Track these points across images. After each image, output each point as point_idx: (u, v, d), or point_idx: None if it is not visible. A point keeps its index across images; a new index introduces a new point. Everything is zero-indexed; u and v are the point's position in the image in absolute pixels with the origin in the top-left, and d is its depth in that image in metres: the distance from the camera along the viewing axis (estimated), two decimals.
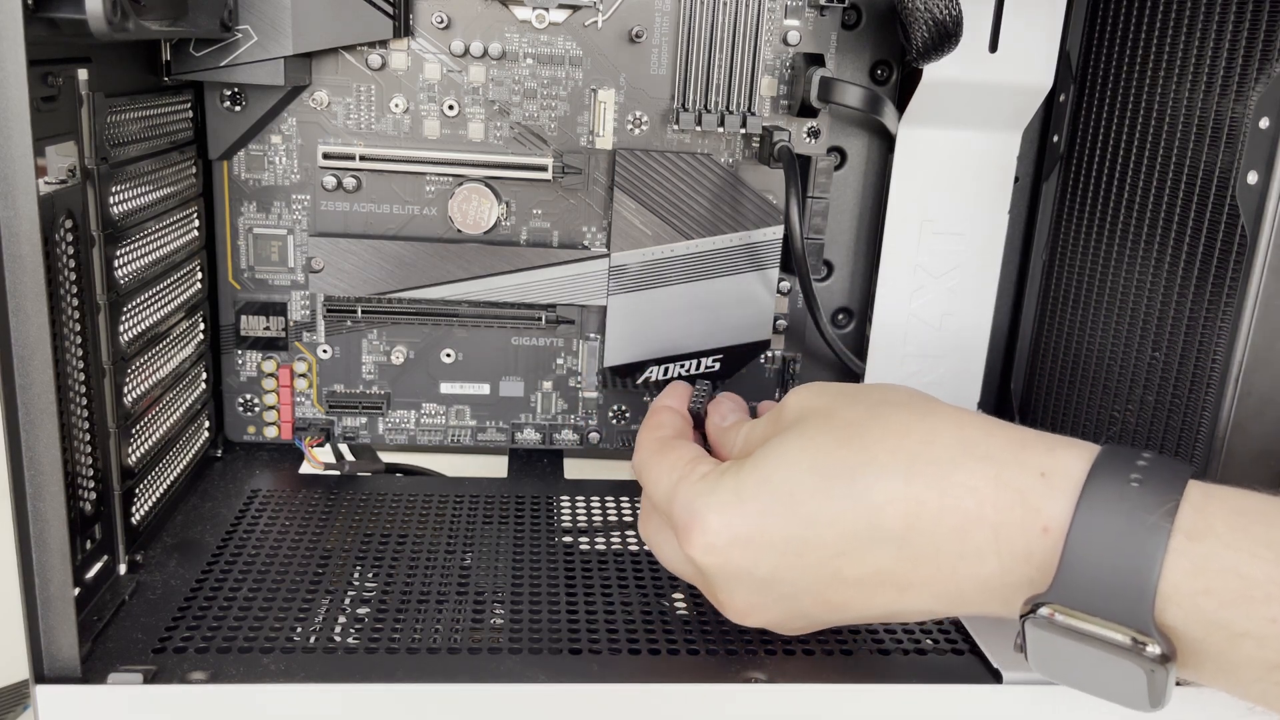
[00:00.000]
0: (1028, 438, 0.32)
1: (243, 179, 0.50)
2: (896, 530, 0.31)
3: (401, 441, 0.55)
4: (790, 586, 0.33)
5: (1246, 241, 0.38)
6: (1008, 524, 0.30)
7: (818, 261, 0.53)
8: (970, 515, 0.30)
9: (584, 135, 0.51)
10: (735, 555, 0.33)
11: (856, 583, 0.33)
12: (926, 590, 0.32)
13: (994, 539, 0.30)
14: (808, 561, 0.32)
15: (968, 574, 0.31)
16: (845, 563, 0.32)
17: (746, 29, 0.49)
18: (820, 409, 0.35)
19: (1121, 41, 0.48)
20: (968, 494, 0.31)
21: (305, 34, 0.45)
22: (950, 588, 0.32)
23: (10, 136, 0.30)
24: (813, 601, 0.34)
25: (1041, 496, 0.30)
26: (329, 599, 0.39)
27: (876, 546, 0.32)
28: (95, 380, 0.37)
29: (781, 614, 0.35)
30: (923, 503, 0.31)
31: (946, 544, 0.31)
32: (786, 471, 0.33)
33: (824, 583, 0.33)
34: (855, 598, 0.33)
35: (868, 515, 0.31)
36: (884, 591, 0.33)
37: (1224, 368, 0.39)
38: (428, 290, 0.51)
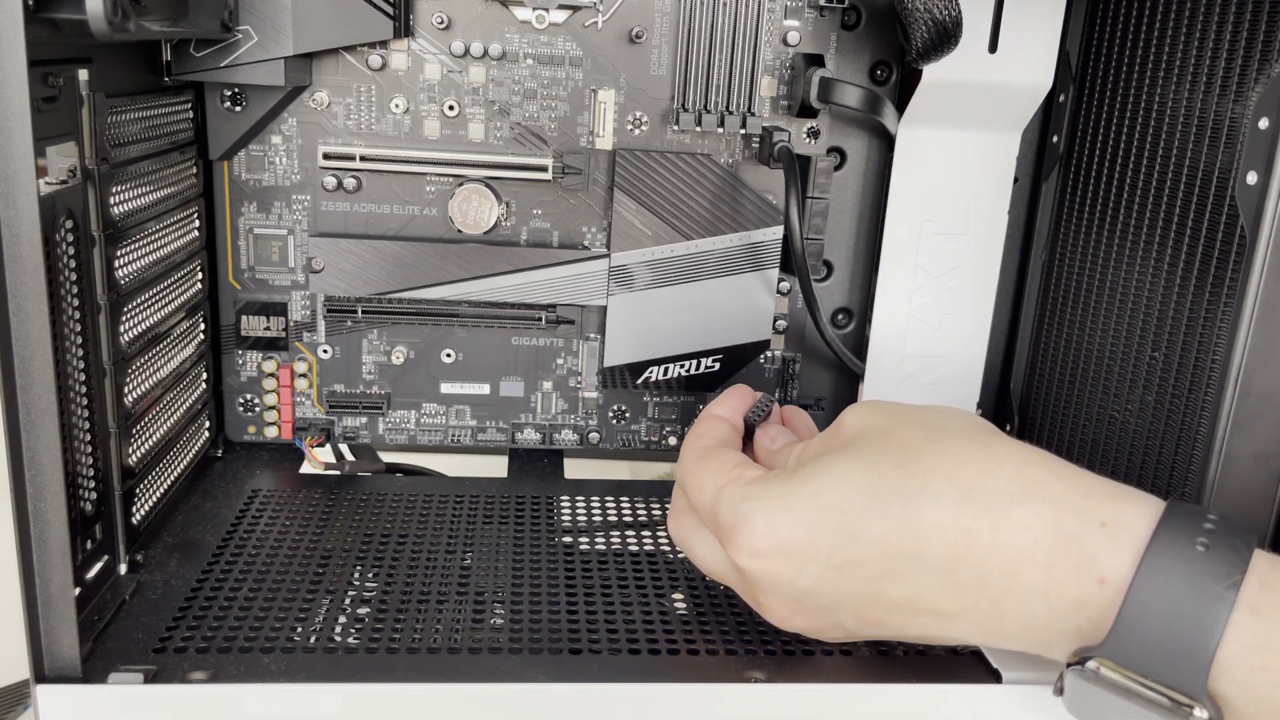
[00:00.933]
0: (1092, 484, 0.32)
1: (243, 179, 0.50)
2: (944, 558, 0.31)
3: (402, 441, 0.55)
4: (830, 599, 0.34)
5: (1246, 241, 0.38)
6: (1061, 568, 0.30)
7: (818, 261, 0.53)
8: (1022, 553, 0.30)
9: (584, 135, 0.51)
10: (779, 563, 0.33)
11: (896, 605, 0.33)
12: (966, 620, 0.32)
13: (1044, 581, 0.30)
14: (850, 578, 0.33)
15: (1013, 611, 0.31)
16: (888, 584, 0.32)
17: (746, 29, 0.49)
18: (878, 429, 0.35)
19: (1121, 41, 0.48)
20: (1023, 531, 0.30)
21: (305, 34, 0.46)
22: (992, 622, 0.31)
23: (11, 136, 0.30)
24: (851, 616, 0.34)
25: (1100, 547, 0.30)
26: (329, 599, 0.39)
27: (922, 572, 0.31)
28: (96, 380, 0.37)
29: (819, 623, 0.35)
30: (973, 534, 0.31)
31: (994, 578, 0.31)
32: (839, 488, 0.33)
33: (865, 600, 0.33)
34: (893, 619, 0.33)
35: (915, 540, 0.31)
36: (923, 617, 0.33)
37: (1224, 368, 0.39)
38: (428, 290, 0.51)
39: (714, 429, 0.41)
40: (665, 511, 0.49)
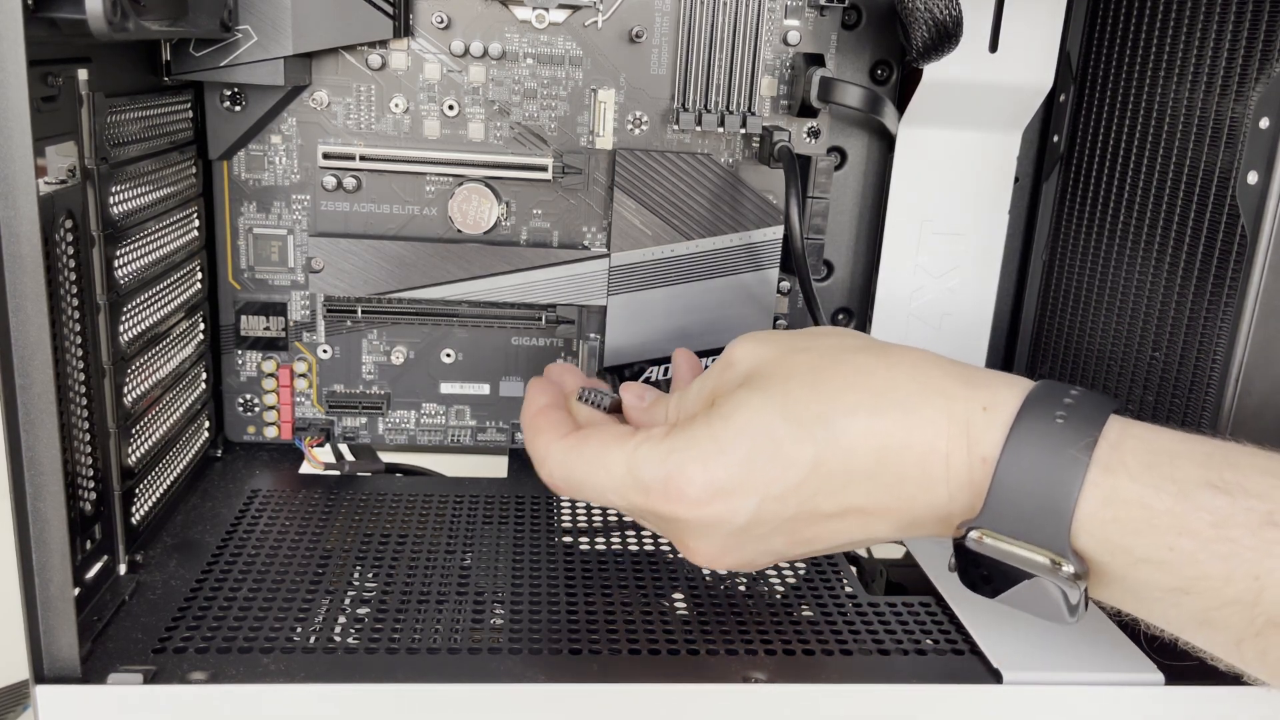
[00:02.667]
0: (977, 375, 0.34)
1: (243, 179, 0.50)
2: (868, 466, 0.33)
3: (401, 441, 0.55)
4: (766, 528, 0.34)
5: (1246, 241, 0.38)
6: (956, 453, 0.32)
7: (818, 261, 0.53)
8: (929, 447, 0.32)
9: (584, 135, 0.51)
10: (720, 506, 0.34)
11: (830, 517, 0.34)
12: (888, 518, 0.34)
13: (945, 469, 0.32)
14: (788, 504, 0.34)
15: (925, 502, 0.33)
16: (822, 500, 0.34)
17: (746, 29, 0.49)
18: (774, 358, 0.36)
19: (1121, 41, 0.48)
20: (928, 427, 0.33)
21: (305, 34, 0.45)
22: (910, 516, 0.34)
23: (10, 136, 0.30)
24: (785, 539, 0.35)
25: (983, 429, 0.32)
26: (329, 599, 0.39)
27: (850, 483, 0.33)
28: (95, 380, 0.37)
29: (752, 554, 0.36)
30: (889, 438, 0.33)
31: (910, 476, 0.33)
32: (763, 419, 0.34)
33: (800, 521, 0.34)
34: (824, 531, 0.35)
35: (843, 455, 0.33)
36: (850, 522, 0.34)
37: (1224, 368, 0.39)
38: (428, 290, 0.51)
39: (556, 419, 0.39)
40: None
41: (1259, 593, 0.28)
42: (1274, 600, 0.28)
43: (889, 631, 0.39)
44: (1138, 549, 0.30)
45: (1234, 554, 0.29)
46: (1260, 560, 0.28)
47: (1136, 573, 0.30)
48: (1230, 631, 0.29)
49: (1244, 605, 0.29)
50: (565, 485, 0.38)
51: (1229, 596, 0.29)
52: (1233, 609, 0.29)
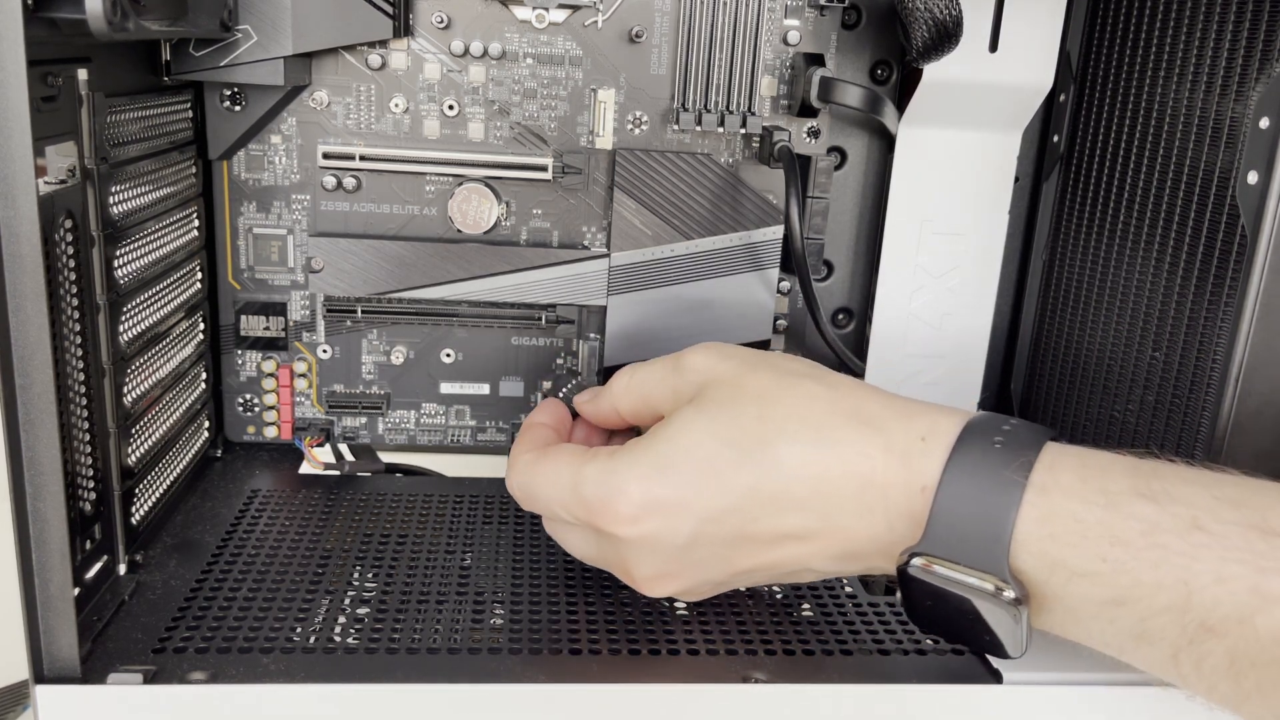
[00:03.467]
0: (914, 408, 0.35)
1: (243, 179, 0.50)
2: (805, 494, 0.34)
3: (401, 441, 0.55)
4: (704, 552, 0.35)
5: (1246, 241, 0.38)
6: (894, 485, 0.33)
7: (818, 261, 0.53)
8: (865, 479, 0.33)
9: (584, 135, 0.51)
10: (656, 524, 0.34)
11: (766, 544, 0.35)
12: (826, 547, 0.34)
13: (883, 499, 0.33)
14: (724, 527, 0.34)
15: (863, 532, 0.34)
16: (758, 529, 0.34)
17: (746, 29, 0.49)
18: (729, 377, 0.37)
19: (1121, 41, 0.48)
20: (864, 460, 0.33)
21: (305, 34, 0.45)
22: (848, 545, 0.34)
23: (10, 136, 0.30)
24: (721, 567, 0.36)
25: (921, 458, 0.33)
26: (329, 599, 0.39)
27: (787, 511, 0.34)
28: (95, 380, 0.37)
29: (690, 582, 0.36)
30: (827, 468, 0.34)
31: (847, 505, 0.33)
32: (706, 443, 0.35)
33: (736, 546, 0.35)
34: (763, 560, 0.35)
35: (782, 483, 0.34)
36: (789, 548, 0.35)
37: (1224, 368, 0.39)
38: (428, 290, 0.51)
39: (540, 434, 0.42)
40: None
41: (1188, 597, 0.29)
42: (1203, 604, 0.29)
43: (889, 631, 0.39)
44: (1073, 562, 0.30)
45: (1164, 560, 0.29)
46: (1188, 565, 0.29)
47: (1074, 589, 0.30)
48: (1166, 643, 0.30)
49: (1176, 612, 0.29)
50: (522, 495, 0.39)
51: (1161, 604, 0.29)
52: (1166, 617, 0.29)
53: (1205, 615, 0.29)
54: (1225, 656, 0.29)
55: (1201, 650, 0.29)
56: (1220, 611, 0.28)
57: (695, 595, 0.38)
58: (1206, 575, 0.29)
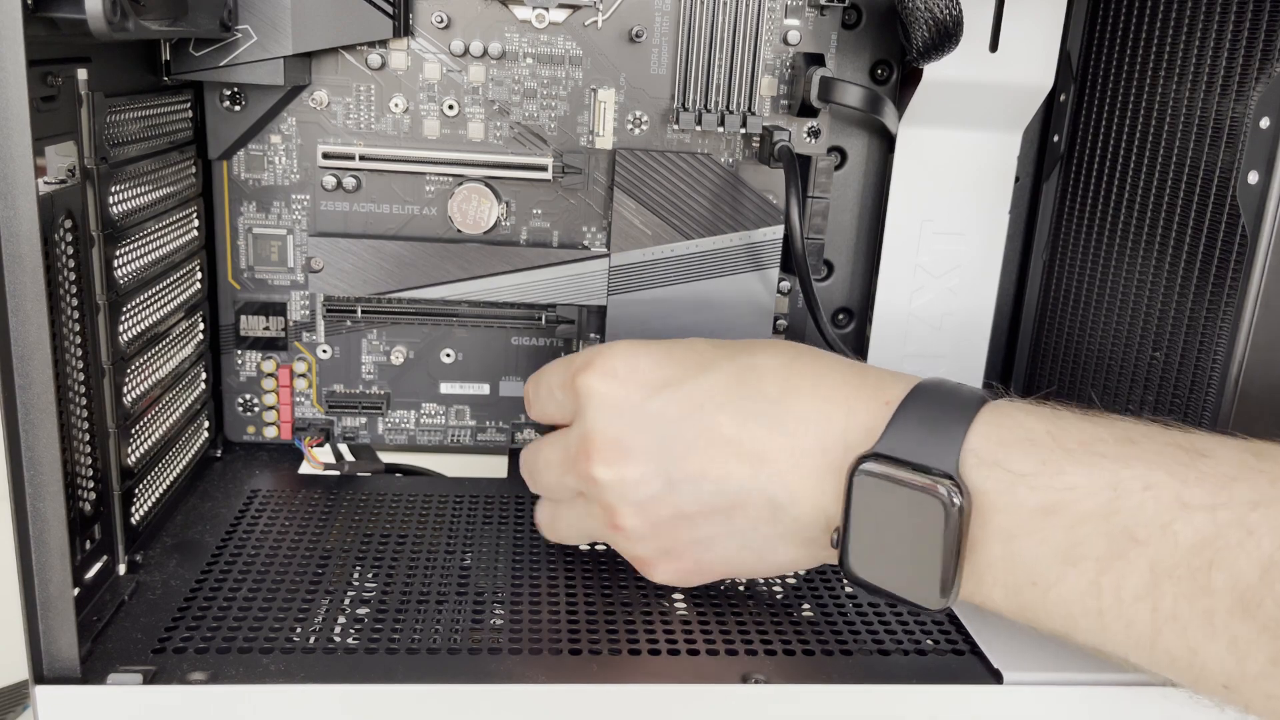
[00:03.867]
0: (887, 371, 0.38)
1: (242, 179, 0.50)
2: (775, 393, 0.36)
3: (401, 441, 0.55)
4: (669, 429, 0.37)
5: (1247, 241, 0.38)
6: (860, 400, 0.35)
7: (818, 261, 0.53)
8: (833, 398, 0.36)
9: (584, 135, 0.51)
10: (627, 386, 0.38)
11: (727, 443, 0.36)
12: (777, 467, 0.36)
13: (847, 410, 0.35)
14: (693, 405, 0.37)
15: (815, 446, 0.35)
16: (725, 418, 0.36)
17: (746, 29, 0.49)
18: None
19: (1121, 41, 0.48)
20: (839, 382, 0.36)
21: (305, 34, 0.45)
22: (801, 461, 0.35)
23: (10, 136, 0.30)
24: (677, 463, 0.37)
25: (890, 382, 0.36)
26: (329, 599, 0.39)
27: (756, 402, 0.36)
28: (95, 380, 0.37)
29: (644, 464, 0.37)
30: (800, 378, 0.37)
31: (810, 418, 0.36)
32: (692, 345, 0.39)
33: (700, 435, 0.36)
34: (713, 468, 0.36)
35: (755, 377, 0.37)
36: (742, 465, 0.36)
37: (1224, 368, 0.39)
38: (427, 290, 0.51)
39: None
40: None
41: (1115, 501, 0.30)
42: (1129, 509, 0.30)
43: (889, 632, 0.39)
44: (1014, 464, 0.32)
45: (1097, 464, 0.31)
46: (1118, 470, 0.30)
47: (1011, 496, 0.32)
48: (1090, 563, 0.30)
49: (1102, 518, 0.30)
50: (525, 471, 0.44)
51: (1090, 509, 0.30)
52: (1093, 525, 0.30)
53: (1130, 521, 0.30)
54: (1146, 572, 0.29)
55: (1124, 567, 0.30)
56: (1144, 517, 0.30)
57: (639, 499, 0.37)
58: (1135, 481, 0.30)
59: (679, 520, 0.37)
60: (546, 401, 0.42)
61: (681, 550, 0.38)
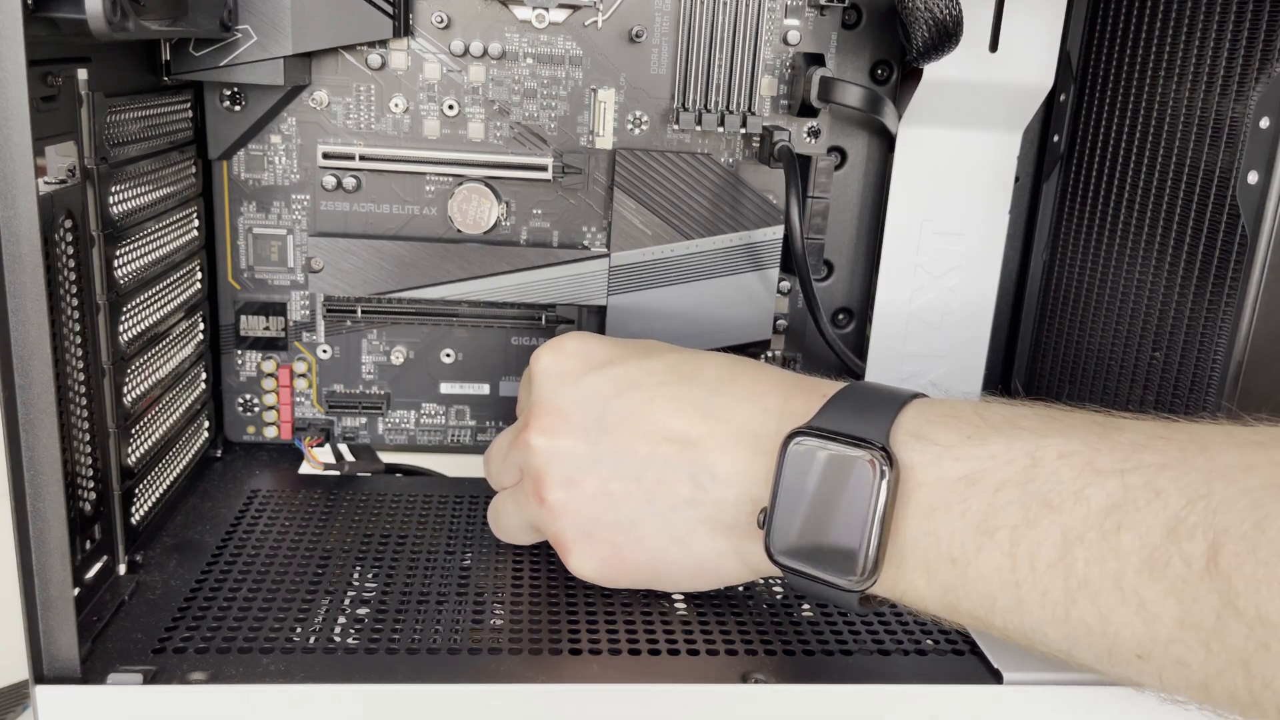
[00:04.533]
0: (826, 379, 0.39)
1: (242, 179, 0.50)
2: (712, 380, 0.38)
3: (401, 442, 0.55)
4: (604, 405, 0.38)
5: (1247, 241, 0.38)
6: (797, 393, 0.37)
7: (818, 261, 0.53)
8: (769, 391, 0.37)
9: (584, 135, 0.51)
10: (576, 358, 0.40)
11: (657, 422, 0.37)
12: (707, 446, 0.37)
13: (781, 403, 0.36)
14: (630, 384, 0.38)
15: (746, 431, 0.36)
16: (660, 400, 0.38)
17: (746, 29, 0.49)
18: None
19: (1121, 41, 0.48)
20: (775, 378, 0.38)
21: (305, 34, 0.45)
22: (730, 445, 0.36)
23: (10, 136, 0.30)
24: (608, 436, 0.38)
25: (827, 385, 0.37)
26: (329, 599, 0.39)
27: (690, 389, 0.38)
28: (95, 380, 0.37)
29: (578, 431, 0.38)
30: (739, 371, 0.38)
31: (745, 402, 0.37)
32: (644, 340, 0.42)
33: (632, 412, 0.38)
34: (645, 444, 0.37)
35: (694, 368, 0.39)
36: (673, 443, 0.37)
37: (1224, 368, 0.39)
38: (428, 290, 0.51)
39: None
40: None
41: (1033, 468, 0.31)
42: (1044, 476, 0.31)
43: (889, 632, 0.39)
44: (941, 438, 0.33)
45: (1017, 436, 0.32)
46: (1037, 441, 0.31)
47: (937, 469, 0.32)
48: (1005, 533, 0.31)
49: (1019, 485, 0.31)
50: (484, 465, 0.45)
51: (1008, 476, 0.31)
52: (1010, 493, 0.31)
53: (1044, 488, 0.30)
54: (1059, 538, 0.30)
55: (1037, 535, 0.30)
56: (1058, 483, 0.30)
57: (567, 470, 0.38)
58: (1050, 450, 0.31)
59: (601, 497, 0.38)
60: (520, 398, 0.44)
61: (601, 531, 0.38)
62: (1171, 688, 0.29)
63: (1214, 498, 0.28)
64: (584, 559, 0.39)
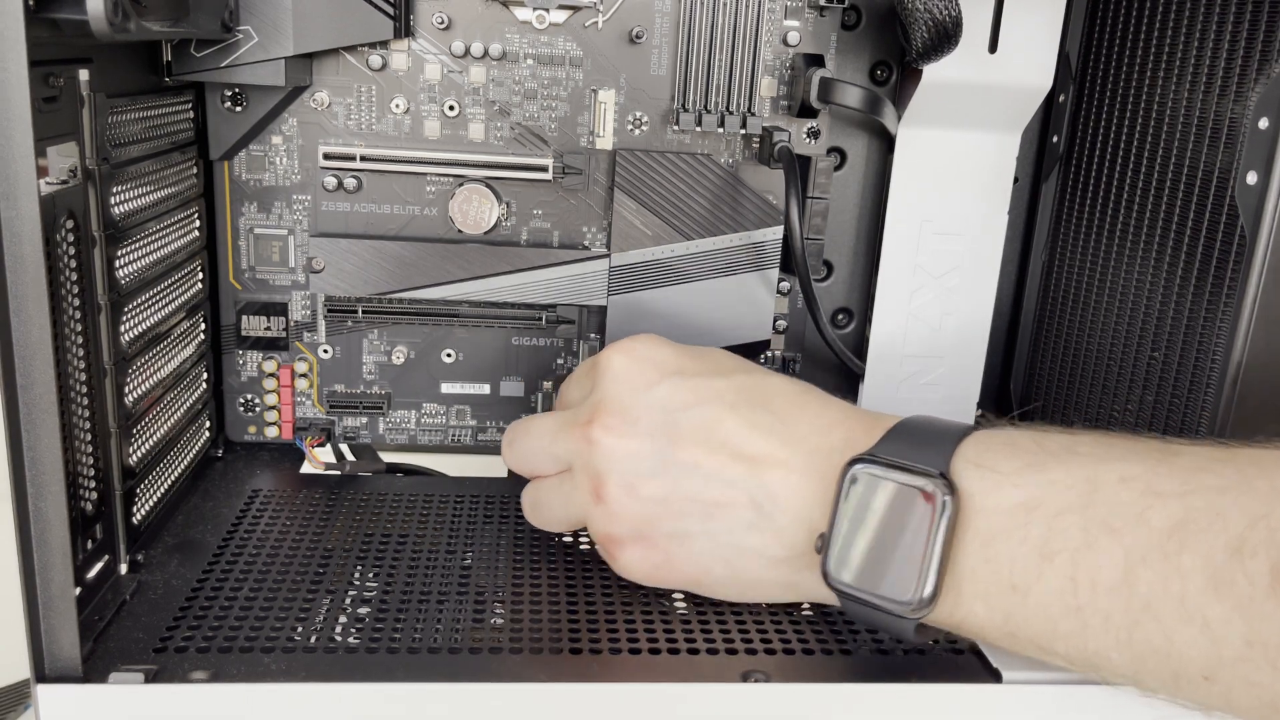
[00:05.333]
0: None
1: (243, 179, 0.51)
2: (782, 409, 0.38)
3: (402, 441, 0.55)
4: (675, 415, 0.38)
5: (1246, 241, 0.38)
6: (859, 427, 0.37)
7: (818, 262, 0.53)
8: (833, 425, 0.37)
9: (584, 136, 0.51)
10: (648, 365, 0.39)
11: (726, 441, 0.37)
12: (772, 472, 0.37)
13: (845, 436, 0.37)
14: (701, 399, 0.38)
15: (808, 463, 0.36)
16: (730, 419, 0.38)
17: (746, 29, 0.49)
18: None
19: (1121, 41, 0.48)
20: (839, 409, 0.38)
21: (306, 34, 0.46)
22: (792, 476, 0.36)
23: (12, 137, 0.30)
24: (677, 447, 0.37)
25: (889, 419, 0.37)
26: (330, 599, 0.39)
27: (759, 414, 0.38)
28: (96, 380, 0.37)
29: (643, 439, 0.38)
30: (808, 405, 0.38)
31: (809, 435, 0.37)
32: (715, 353, 0.41)
33: (702, 427, 0.38)
34: (713, 460, 0.37)
35: (764, 393, 0.39)
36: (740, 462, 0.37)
37: (1224, 368, 0.39)
38: (428, 290, 0.51)
39: None
40: None
41: (1092, 494, 0.31)
42: (1105, 501, 0.31)
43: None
44: (1000, 465, 0.33)
45: (1076, 463, 0.32)
46: (1095, 466, 0.32)
47: (994, 498, 0.32)
48: (1066, 556, 0.31)
49: (1079, 510, 0.31)
50: (508, 439, 0.44)
51: (1067, 502, 0.31)
52: (1070, 518, 0.31)
53: (1105, 512, 0.31)
54: (1121, 560, 0.30)
55: (1099, 558, 0.30)
56: (1119, 506, 0.30)
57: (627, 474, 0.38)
58: (1110, 474, 0.31)
59: (662, 504, 0.38)
60: (569, 391, 0.43)
61: (656, 538, 0.38)
62: (1242, 710, 0.29)
63: (1275, 518, 0.28)
64: (634, 561, 0.39)
